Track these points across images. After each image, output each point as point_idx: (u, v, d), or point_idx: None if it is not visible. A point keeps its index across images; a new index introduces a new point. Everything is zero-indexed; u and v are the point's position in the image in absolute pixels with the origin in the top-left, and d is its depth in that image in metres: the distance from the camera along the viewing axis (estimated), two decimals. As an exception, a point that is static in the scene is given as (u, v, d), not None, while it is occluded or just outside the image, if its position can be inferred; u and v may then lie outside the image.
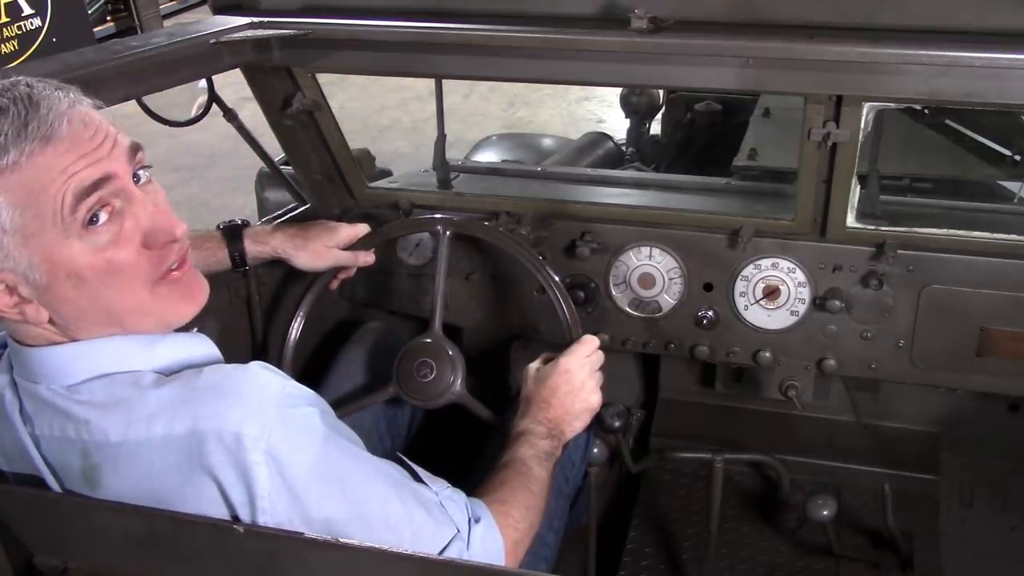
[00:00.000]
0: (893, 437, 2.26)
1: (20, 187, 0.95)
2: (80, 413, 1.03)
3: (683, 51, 1.53)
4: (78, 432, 1.03)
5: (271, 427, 1.00)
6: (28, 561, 0.97)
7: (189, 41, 1.58)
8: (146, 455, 1.01)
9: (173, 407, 1.01)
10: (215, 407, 1.00)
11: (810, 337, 1.95)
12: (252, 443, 0.99)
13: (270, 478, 1.00)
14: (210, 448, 0.99)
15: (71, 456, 1.04)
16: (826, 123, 1.63)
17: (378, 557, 0.91)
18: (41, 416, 1.06)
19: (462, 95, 6.48)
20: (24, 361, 1.07)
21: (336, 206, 2.15)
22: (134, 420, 1.01)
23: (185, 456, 1.00)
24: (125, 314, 1.05)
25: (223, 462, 0.99)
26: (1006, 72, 1.41)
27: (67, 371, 1.05)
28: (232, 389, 1.02)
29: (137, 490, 1.01)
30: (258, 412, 1.01)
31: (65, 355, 1.05)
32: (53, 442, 1.05)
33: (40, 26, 6.16)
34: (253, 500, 1.01)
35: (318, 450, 1.06)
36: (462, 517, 1.21)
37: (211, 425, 0.99)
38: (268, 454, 1.00)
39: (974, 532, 2.15)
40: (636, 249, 1.99)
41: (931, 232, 1.83)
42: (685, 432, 2.26)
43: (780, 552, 2.04)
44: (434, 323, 1.73)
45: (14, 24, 5.99)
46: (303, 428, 1.05)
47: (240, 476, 1.00)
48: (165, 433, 1.00)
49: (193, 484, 1.00)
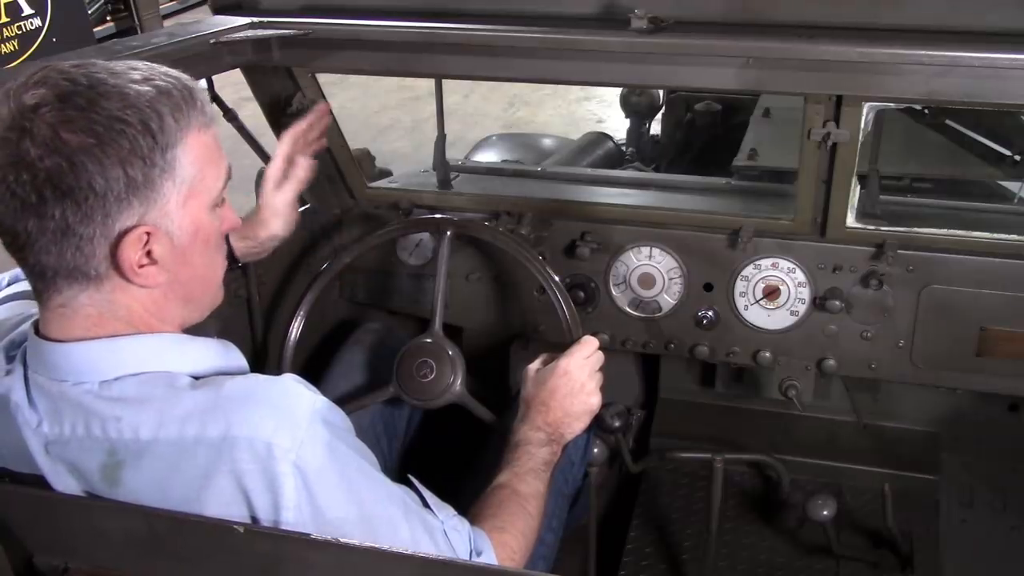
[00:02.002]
0: (893, 437, 2.26)
1: (203, 151, 1.05)
2: (109, 410, 1.04)
3: (683, 51, 1.53)
4: (104, 429, 1.03)
5: (301, 440, 1.03)
6: (28, 561, 0.97)
7: (189, 41, 1.58)
8: (174, 455, 1.02)
9: (208, 410, 1.03)
10: (249, 415, 1.02)
11: (810, 337, 1.95)
12: (282, 454, 1.01)
13: (296, 490, 1.02)
14: (241, 454, 1.01)
15: (92, 455, 1.04)
16: (826, 123, 1.64)
17: (378, 557, 0.91)
18: (60, 416, 1.05)
19: (462, 95, 6.48)
20: (51, 356, 1.07)
21: (336, 206, 2.15)
22: (167, 420, 1.02)
23: (215, 459, 1.01)
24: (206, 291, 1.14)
25: (252, 470, 1.01)
26: (1006, 72, 1.41)
27: (103, 366, 1.05)
28: (266, 399, 1.05)
29: (158, 489, 1.02)
30: (290, 425, 1.03)
31: (101, 349, 1.06)
32: (73, 443, 1.05)
33: (40, 26, 6.16)
34: (279, 509, 1.02)
35: (342, 468, 1.08)
36: (464, 548, 1.22)
37: (244, 432, 1.01)
38: (296, 466, 1.02)
39: (974, 532, 2.15)
40: (636, 249, 1.99)
41: (931, 232, 1.83)
42: (685, 432, 2.26)
43: (780, 552, 2.04)
44: (434, 323, 1.73)
45: (14, 24, 5.99)
46: (330, 445, 1.06)
47: (268, 485, 1.02)
48: (197, 435, 1.01)
49: (217, 487, 1.02)
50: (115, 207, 0.98)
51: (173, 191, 1.02)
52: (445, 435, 1.98)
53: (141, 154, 0.98)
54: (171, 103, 1.01)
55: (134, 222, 1.00)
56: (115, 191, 0.97)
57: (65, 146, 0.95)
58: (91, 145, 0.95)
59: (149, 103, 0.99)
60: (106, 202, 0.98)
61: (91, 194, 0.97)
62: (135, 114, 0.98)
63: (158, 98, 1.00)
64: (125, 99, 0.98)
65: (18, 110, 0.96)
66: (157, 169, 1.00)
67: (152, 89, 1.00)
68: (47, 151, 0.95)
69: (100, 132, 0.96)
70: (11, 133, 0.95)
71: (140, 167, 0.98)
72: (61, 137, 0.95)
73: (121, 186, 0.98)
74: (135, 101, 0.98)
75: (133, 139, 0.97)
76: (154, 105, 0.99)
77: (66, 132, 0.95)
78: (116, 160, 0.97)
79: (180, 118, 1.01)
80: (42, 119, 0.95)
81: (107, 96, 0.97)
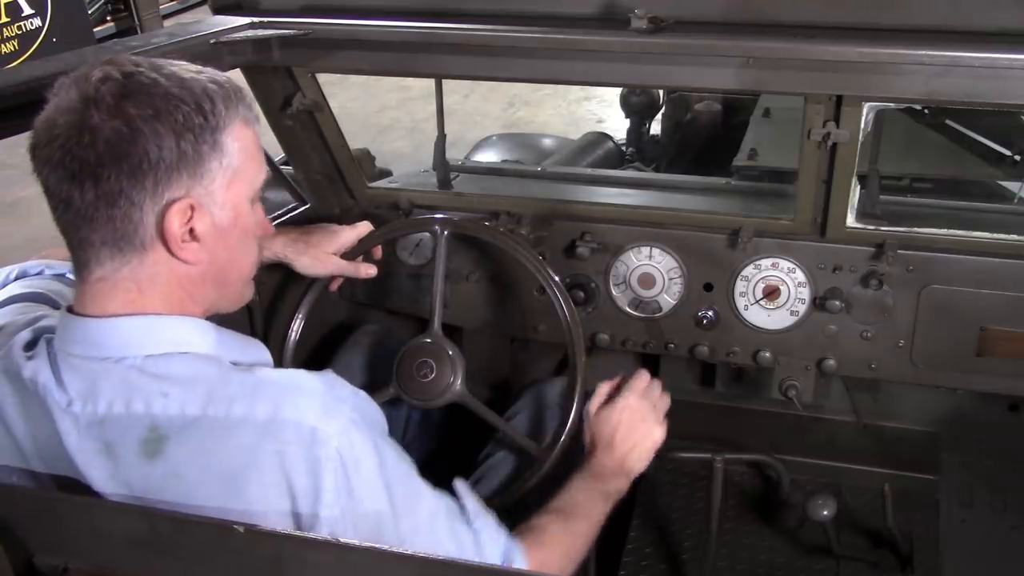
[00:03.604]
0: (893, 437, 2.26)
1: (247, 143, 1.12)
2: (155, 386, 1.07)
3: (683, 51, 1.53)
4: (148, 405, 1.06)
5: (344, 430, 1.07)
6: (28, 561, 0.97)
7: (189, 41, 1.58)
8: (220, 433, 1.05)
9: (256, 393, 1.08)
10: (297, 401, 1.08)
11: (810, 337, 1.95)
12: (326, 439, 1.06)
13: (335, 477, 1.06)
14: (287, 436, 1.05)
15: (130, 431, 1.06)
16: (826, 123, 1.63)
17: (378, 557, 0.91)
18: (95, 394, 1.07)
19: (462, 95, 6.48)
20: (91, 332, 1.09)
21: (336, 206, 2.15)
22: (216, 398, 1.06)
23: (260, 439, 1.05)
24: (239, 278, 1.20)
25: (297, 453, 1.05)
26: (1006, 72, 1.41)
27: (147, 340, 1.09)
28: (312, 388, 1.10)
29: (200, 463, 1.05)
30: (335, 413, 1.08)
31: (145, 324, 1.09)
32: (108, 421, 1.06)
33: (40, 26, 6.17)
34: (317, 492, 1.06)
35: (380, 462, 1.12)
36: (496, 554, 1.25)
37: (291, 416, 1.06)
38: (339, 453, 1.06)
39: (974, 532, 2.15)
40: (636, 249, 1.99)
41: (931, 232, 1.83)
42: (685, 432, 2.25)
43: (780, 552, 2.04)
44: (433, 323, 1.73)
45: (14, 24, 6.00)
46: (371, 439, 1.12)
47: (309, 469, 1.05)
48: (245, 414, 1.06)
49: (260, 466, 1.05)
50: (165, 176, 1.05)
51: (219, 171, 1.09)
52: (445, 435, 1.98)
53: (193, 129, 1.05)
54: (222, 92, 1.09)
55: (182, 193, 1.07)
56: (167, 160, 1.04)
57: (125, 113, 1.02)
58: (149, 115, 1.03)
59: (203, 88, 1.07)
60: (158, 170, 1.04)
61: (145, 160, 1.03)
62: (190, 95, 1.06)
63: (210, 87, 1.08)
64: (182, 83, 1.07)
65: (85, 86, 1.04)
66: (206, 146, 1.07)
67: (205, 79, 1.09)
68: (109, 116, 1.02)
69: (158, 105, 1.04)
70: (79, 104, 1.03)
71: (191, 141, 1.05)
72: (122, 106, 1.03)
73: (173, 156, 1.05)
74: (190, 85, 1.07)
75: (187, 115, 1.05)
76: (207, 90, 1.08)
77: (127, 103, 1.03)
78: (171, 131, 1.04)
79: (229, 106, 1.09)
80: (107, 91, 1.03)
81: (167, 77, 1.06)
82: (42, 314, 1.22)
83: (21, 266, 1.41)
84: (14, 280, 1.38)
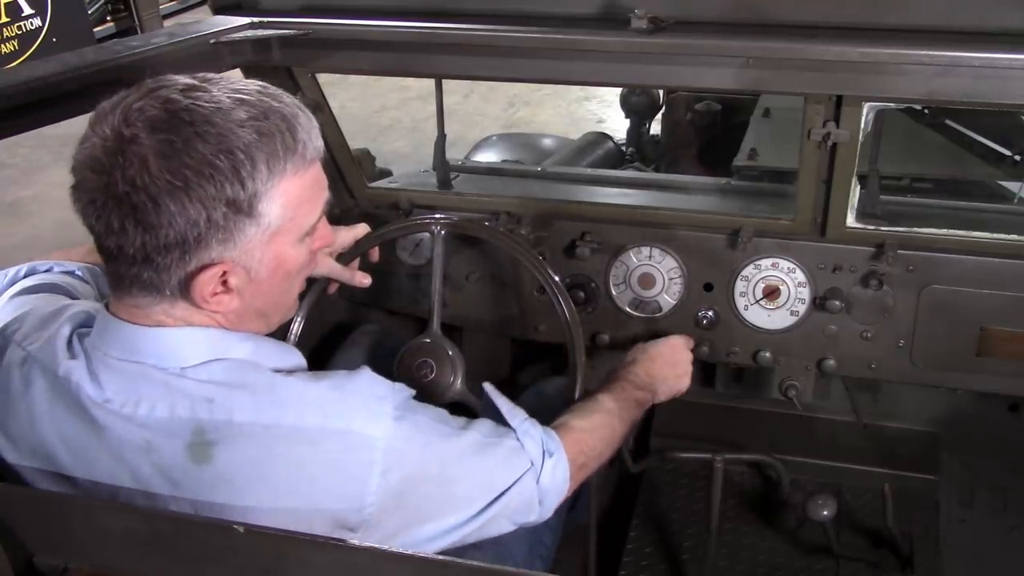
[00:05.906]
0: (893, 437, 2.26)
1: (297, 193, 1.06)
2: (199, 391, 1.06)
3: (683, 51, 1.53)
4: (193, 410, 1.06)
5: (388, 432, 1.11)
6: (28, 561, 0.97)
7: (189, 41, 1.58)
8: (271, 441, 1.06)
9: (302, 401, 1.09)
10: (343, 409, 1.10)
11: (810, 337, 1.95)
12: (373, 443, 1.09)
13: (382, 475, 1.09)
14: (337, 445, 1.08)
15: (176, 434, 1.06)
16: (826, 123, 1.64)
17: (378, 557, 0.91)
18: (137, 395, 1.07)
19: (462, 95, 6.48)
20: (130, 337, 1.08)
21: (336, 206, 2.15)
22: (263, 405, 1.07)
23: (310, 449, 1.07)
24: (278, 311, 1.19)
25: (346, 459, 1.08)
26: (1006, 72, 1.41)
27: (185, 353, 1.08)
28: (355, 392, 1.12)
29: (250, 471, 1.06)
30: (378, 415, 1.11)
31: (182, 337, 1.09)
32: (151, 424, 1.06)
33: (40, 26, 6.17)
34: (364, 494, 1.09)
35: (421, 452, 1.15)
36: (537, 451, 1.30)
37: (339, 425, 1.09)
38: (386, 453, 1.10)
39: (974, 532, 2.15)
40: (636, 249, 1.99)
41: (931, 232, 1.83)
42: (685, 432, 2.26)
43: (780, 552, 2.04)
44: (432, 323, 1.73)
45: (14, 24, 6.00)
46: (411, 427, 1.15)
47: (359, 473, 1.09)
48: (294, 424, 1.07)
49: (311, 474, 1.07)
50: (193, 245, 1.02)
51: (257, 233, 1.05)
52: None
53: (226, 200, 1.00)
54: (269, 149, 1.02)
55: (212, 259, 1.04)
56: (195, 233, 1.00)
57: (152, 186, 0.98)
58: (177, 188, 0.98)
59: (245, 148, 1.00)
60: (185, 240, 1.01)
61: (171, 231, 1.00)
62: (228, 160, 0.99)
63: (257, 143, 1.01)
64: (222, 142, 0.99)
65: (118, 136, 0.99)
66: (242, 215, 1.03)
67: (254, 134, 1.01)
68: (134, 188, 0.98)
69: (188, 176, 0.98)
70: (106, 159, 0.98)
71: (223, 211, 1.01)
72: (151, 174, 0.97)
73: (201, 228, 1.01)
74: (231, 145, 1.00)
75: (220, 186, 0.99)
76: (250, 152, 1.01)
77: (156, 170, 0.98)
78: (199, 203, 0.99)
79: (275, 165, 1.03)
80: (136, 153, 0.98)
81: (204, 137, 0.99)
82: (68, 303, 1.22)
83: (30, 264, 1.41)
84: (24, 276, 1.38)
